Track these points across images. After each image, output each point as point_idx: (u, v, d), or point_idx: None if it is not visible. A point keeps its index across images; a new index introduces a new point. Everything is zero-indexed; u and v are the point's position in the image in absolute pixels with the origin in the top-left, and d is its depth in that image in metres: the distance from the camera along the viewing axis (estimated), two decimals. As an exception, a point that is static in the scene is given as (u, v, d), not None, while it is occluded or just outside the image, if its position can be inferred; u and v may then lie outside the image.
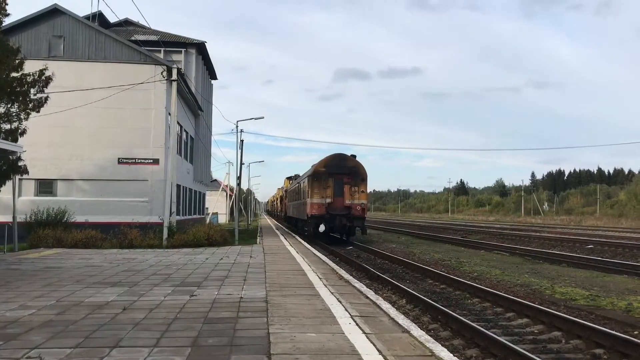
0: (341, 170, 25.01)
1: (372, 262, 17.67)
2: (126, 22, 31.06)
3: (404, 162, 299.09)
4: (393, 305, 8.47)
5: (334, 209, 24.66)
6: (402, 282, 12.67)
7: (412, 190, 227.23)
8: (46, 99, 16.55)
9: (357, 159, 26.49)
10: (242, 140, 30.51)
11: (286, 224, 49.89)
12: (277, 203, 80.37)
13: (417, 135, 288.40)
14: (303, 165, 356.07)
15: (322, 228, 24.16)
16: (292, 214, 38.09)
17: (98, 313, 7.00)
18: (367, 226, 27.91)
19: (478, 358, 6.80)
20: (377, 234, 35.62)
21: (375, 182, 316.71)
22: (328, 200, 24.62)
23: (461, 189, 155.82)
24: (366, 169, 25.50)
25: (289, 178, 50.72)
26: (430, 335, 6.99)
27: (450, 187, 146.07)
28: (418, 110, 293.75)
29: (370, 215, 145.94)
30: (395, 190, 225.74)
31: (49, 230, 18.85)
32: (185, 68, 28.84)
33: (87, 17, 25.47)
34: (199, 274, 11.21)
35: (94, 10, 28.24)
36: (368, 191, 25.93)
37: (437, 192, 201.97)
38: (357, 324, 6.42)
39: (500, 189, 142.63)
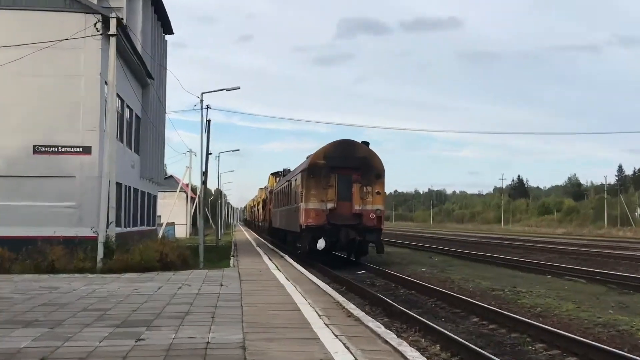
0: (348, 163, 24.94)
1: (393, 293, 17.80)
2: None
3: (437, 151, 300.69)
4: (422, 354, 8.50)
5: (339, 218, 24.62)
6: (435, 321, 12.75)
7: (448, 192, 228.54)
8: None
9: (370, 147, 26.27)
10: (208, 121, 30.55)
11: (271, 239, 49.86)
12: (257, 209, 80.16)
13: (455, 115, 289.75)
14: (295, 155, 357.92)
15: (321, 244, 24.17)
16: (279, 225, 37.75)
17: (5, 365, 7.01)
18: (384, 241, 28.16)
19: None
20: (400, 252, 35.78)
21: (397, 180, 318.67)
22: (330, 205, 24.64)
23: (519, 189, 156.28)
24: (383, 162, 25.50)
25: (275, 174, 50.43)
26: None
27: (504, 187, 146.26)
28: (455, 78, 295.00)
29: (389, 226, 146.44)
30: (426, 191, 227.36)
31: None
32: (129, 18, 28.84)
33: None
34: (148, 310, 11.24)
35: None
36: (386, 192, 25.99)
37: (484, 193, 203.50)
38: (371, 381, 6.47)
39: (574, 189, 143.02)
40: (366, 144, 26.31)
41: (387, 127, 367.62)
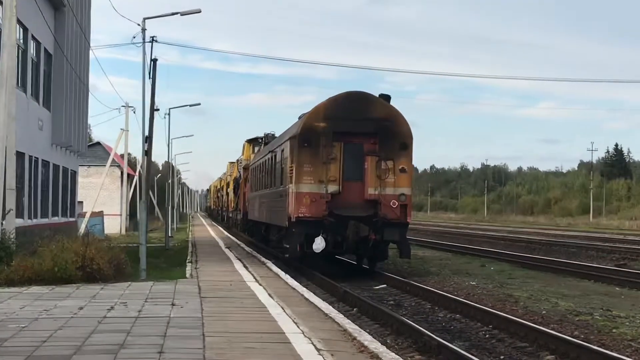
0: (359, 127, 25.09)
1: (428, 317, 17.85)
2: None
3: (496, 108, 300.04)
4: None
5: (345, 207, 24.79)
6: (489, 358, 12.67)
7: (511, 168, 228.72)
8: None
9: (391, 103, 26.33)
10: (154, 60, 30.39)
11: (247, 236, 50.14)
12: (225, 193, 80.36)
13: (523, 53, 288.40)
14: (284, 115, 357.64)
15: (319, 245, 24.37)
16: (258, 216, 37.79)
17: None
18: (412, 241, 27.76)
19: None
20: (439, 258, 35.88)
21: (434, 151, 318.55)
22: (332, 188, 24.80)
23: (617, 164, 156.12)
24: (411, 125, 25.59)
25: (253, 142, 49.93)
26: None
27: (594, 162, 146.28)
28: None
29: (422, 219, 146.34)
30: (478, 167, 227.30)
31: None
32: None
33: None
34: (64, 341, 11.21)
35: None
36: (417, 169, 25.92)
37: (564, 171, 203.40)
38: None
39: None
40: (386, 98, 26.36)
41: (421, 72, 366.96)
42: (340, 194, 24.79)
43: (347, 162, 24.96)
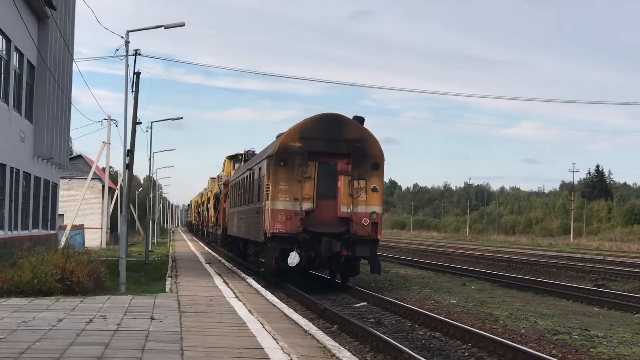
0: (333, 148, 26.11)
1: (408, 335, 17.92)
2: None
3: (479, 127, 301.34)
4: None
5: (319, 224, 25.72)
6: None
7: (494, 187, 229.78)
8: None
9: (365, 124, 27.20)
10: (137, 74, 30.47)
11: (227, 250, 50.45)
12: (205, 209, 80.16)
13: (506, 72, 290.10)
14: (267, 130, 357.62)
15: (293, 259, 25.19)
16: (237, 232, 38.76)
17: None
18: (390, 258, 28.18)
19: None
20: (421, 276, 35.97)
21: (418, 169, 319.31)
22: (306, 205, 25.76)
23: (597, 185, 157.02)
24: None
25: (234, 158, 50.84)
26: None
27: (575, 183, 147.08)
28: (508, 16, 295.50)
29: (405, 237, 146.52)
30: (460, 186, 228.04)
31: None
32: None
33: None
34: (41, 353, 11.25)
35: None
36: (399, 187, 26.32)
37: (546, 191, 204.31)
38: None
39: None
40: (360, 120, 27.32)
41: (405, 89, 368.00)
42: (314, 212, 25.71)
43: (321, 181, 25.90)
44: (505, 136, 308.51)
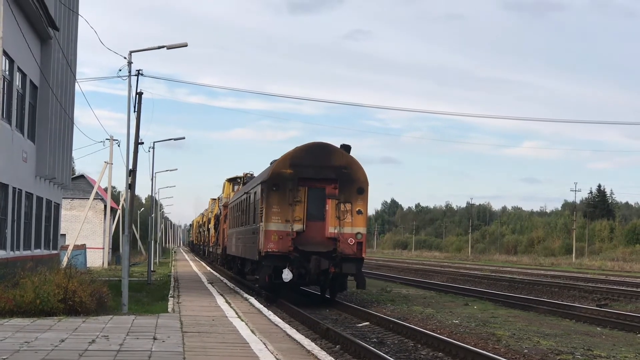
0: (321, 174, 28.23)
1: (411, 355, 17.90)
2: None
3: (477, 148, 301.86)
4: None
5: (308, 243, 27.78)
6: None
7: (495, 207, 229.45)
8: None
9: (351, 152, 29.13)
10: (139, 94, 30.59)
11: (226, 268, 51.38)
12: (206, 229, 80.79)
13: (507, 91, 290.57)
14: (269, 150, 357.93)
15: (287, 275, 27.13)
16: (235, 251, 40.72)
17: None
18: (388, 278, 28.70)
19: None
20: (421, 295, 35.94)
21: (420, 189, 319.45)
22: (297, 227, 27.83)
23: (599, 205, 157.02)
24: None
25: (233, 181, 52.99)
26: None
27: (577, 202, 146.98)
28: (506, 37, 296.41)
29: (407, 256, 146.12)
30: (462, 206, 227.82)
31: None
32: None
33: None
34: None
35: None
36: (400, 207, 26.87)
37: (547, 210, 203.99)
38: None
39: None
40: (346, 148, 29.43)
41: (405, 109, 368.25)
42: (304, 232, 27.72)
43: (311, 204, 27.96)
44: (506, 155, 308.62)
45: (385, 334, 21.54)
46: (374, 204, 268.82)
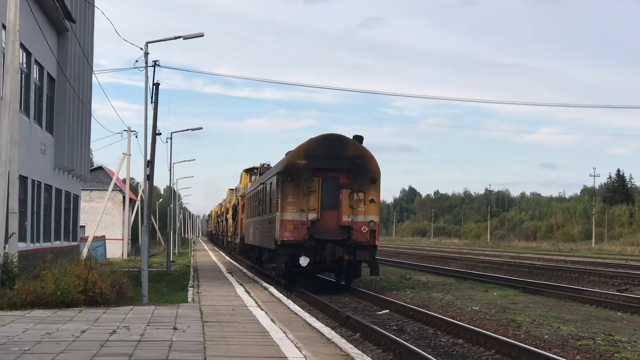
0: (335, 164, 29.02)
1: (431, 342, 17.95)
2: None
3: (495, 134, 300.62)
4: None
5: (323, 232, 28.61)
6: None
7: (514, 193, 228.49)
8: None
9: (367, 141, 30.13)
10: (156, 84, 30.62)
11: (244, 257, 52.17)
12: (225, 219, 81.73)
13: (526, 77, 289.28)
14: (286, 140, 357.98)
15: (304, 261, 28.00)
16: (253, 240, 41.69)
17: None
18: (407, 265, 28.88)
19: None
20: (442, 283, 35.94)
21: (438, 176, 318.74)
22: (312, 216, 28.63)
23: (618, 190, 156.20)
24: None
25: (250, 171, 53.69)
26: None
27: (596, 188, 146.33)
28: (526, 20, 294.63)
29: (427, 244, 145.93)
30: (481, 193, 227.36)
31: None
32: None
33: None
34: (66, 364, 11.28)
35: None
36: (418, 194, 27.07)
37: (566, 196, 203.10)
38: None
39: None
40: (359, 139, 30.08)
41: (422, 96, 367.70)
42: (318, 221, 28.53)
43: (325, 194, 28.72)
44: (524, 142, 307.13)
45: (405, 322, 21.60)
46: (393, 191, 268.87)
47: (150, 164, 29.32)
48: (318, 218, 28.55)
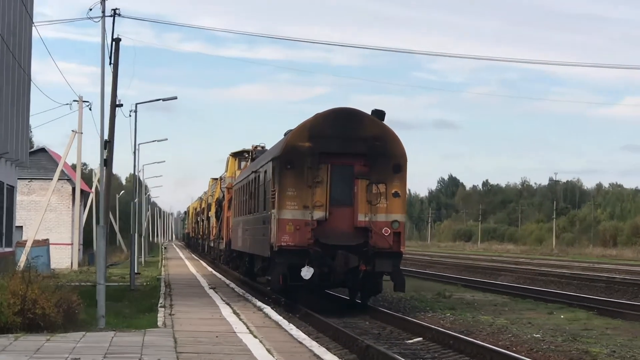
0: (348, 148, 28.64)
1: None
2: None
3: (565, 107, 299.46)
4: None
5: (332, 235, 28.22)
6: None
7: (587, 185, 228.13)
8: None
9: (388, 118, 29.92)
10: (116, 40, 30.58)
11: (231, 268, 52.67)
12: (205, 217, 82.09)
13: (602, 32, 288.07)
14: (290, 115, 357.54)
15: (307, 272, 27.45)
16: (242, 246, 41.40)
17: None
18: (446, 279, 28.59)
19: None
20: (491, 301, 35.96)
21: (486, 162, 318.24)
22: (318, 214, 28.21)
23: None
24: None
25: (239, 156, 53.88)
26: None
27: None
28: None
29: (467, 250, 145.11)
30: (543, 184, 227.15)
31: None
32: None
33: None
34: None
35: None
36: (462, 186, 26.86)
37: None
38: None
39: None
40: (379, 114, 29.80)
41: (468, 56, 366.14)
42: (327, 221, 28.13)
43: (335, 185, 28.39)
44: (602, 117, 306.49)
45: (443, 353, 21.56)
46: (427, 182, 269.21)
47: (108, 144, 29.31)
48: (326, 217, 28.27)
